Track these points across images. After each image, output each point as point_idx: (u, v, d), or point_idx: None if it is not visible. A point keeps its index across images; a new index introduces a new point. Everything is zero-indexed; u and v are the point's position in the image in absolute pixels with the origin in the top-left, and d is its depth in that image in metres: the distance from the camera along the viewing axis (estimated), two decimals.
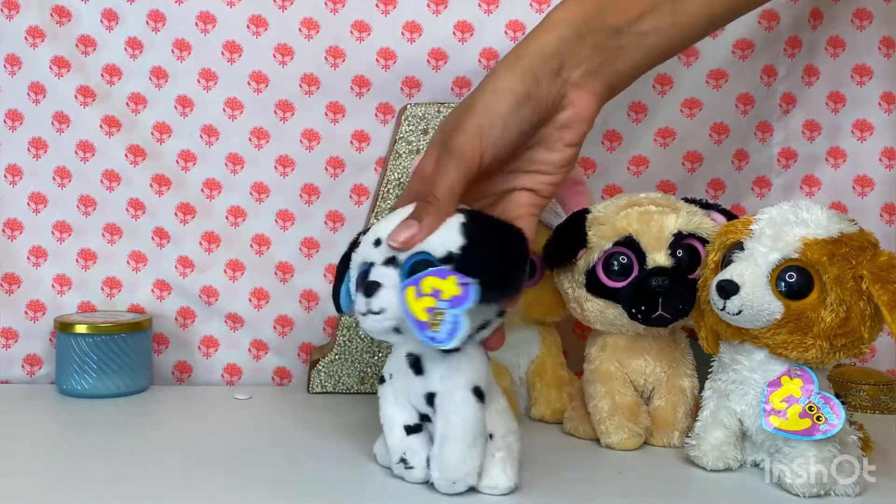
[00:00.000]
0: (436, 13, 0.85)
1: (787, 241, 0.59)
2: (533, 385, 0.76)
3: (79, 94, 0.85)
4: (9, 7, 0.84)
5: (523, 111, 0.59)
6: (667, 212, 0.68)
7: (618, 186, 0.87)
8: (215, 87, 0.86)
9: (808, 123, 0.88)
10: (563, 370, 0.77)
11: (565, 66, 0.60)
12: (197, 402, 0.82)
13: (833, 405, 0.58)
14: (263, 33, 0.85)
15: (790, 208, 0.60)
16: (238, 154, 0.86)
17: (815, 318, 0.58)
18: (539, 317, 0.76)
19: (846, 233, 0.59)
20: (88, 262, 0.87)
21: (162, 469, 0.63)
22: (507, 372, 0.75)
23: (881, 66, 0.86)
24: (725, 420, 0.63)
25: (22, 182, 0.87)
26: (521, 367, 0.76)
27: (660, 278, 0.66)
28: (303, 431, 0.72)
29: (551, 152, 0.62)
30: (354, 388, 0.83)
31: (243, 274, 0.87)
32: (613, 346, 0.70)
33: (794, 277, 0.58)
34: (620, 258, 0.68)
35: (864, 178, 0.87)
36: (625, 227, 0.68)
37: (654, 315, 0.66)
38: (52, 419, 0.78)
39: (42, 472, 0.63)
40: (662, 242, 0.67)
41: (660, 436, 0.69)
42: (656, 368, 0.70)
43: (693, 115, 0.86)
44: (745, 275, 0.59)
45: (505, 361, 0.75)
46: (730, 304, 0.59)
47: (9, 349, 0.87)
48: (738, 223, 0.62)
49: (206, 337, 0.88)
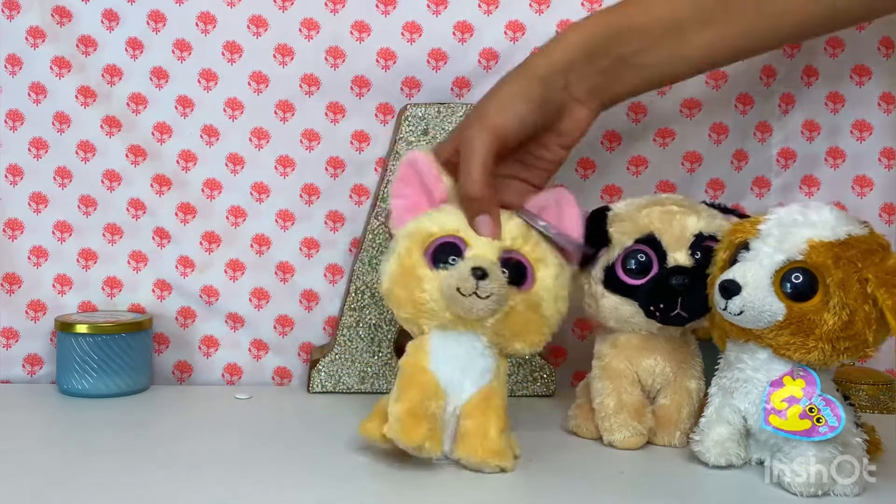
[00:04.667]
0: (436, 13, 0.85)
1: (792, 242, 0.59)
2: (468, 416, 0.63)
3: (79, 95, 0.85)
4: (9, 7, 0.84)
5: (537, 113, 0.66)
6: (689, 213, 0.68)
7: (617, 186, 0.87)
8: (215, 87, 0.86)
9: (808, 124, 0.88)
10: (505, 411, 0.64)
11: (572, 82, 0.68)
12: (197, 402, 0.82)
13: (834, 407, 0.58)
14: (263, 33, 0.85)
15: (799, 209, 0.60)
16: (238, 154, 0.87)
17: (817, 320, 0.58)
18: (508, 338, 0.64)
19: (854, 235, 0.58)
20: (89, 261, 0.87)
21: (162, 469, 0.63)
22: (444, 395, 0.63)
23: (880, 67, 0.86)
24: (729, 417, 0.63)
25: (22, 182, 0.87)
26: (461, 396, 0.63)
27: (680, 277, 0.66)
28: (303, 431, 0.72)
29: (547, 151, 0.69)
30: (354, 388, 0.83)
31: (243, 274, 0.87)
32: (625, 344, 0.70)
33: (800, 279, 0.58)
34: (639, 256, 0.68)
35: (864, 178, 0.87)
36: (647, 224, 0.68)
37: (672, 314, 0.66)
38: (52, 419, 0.78)
39: (42, 472, 0.63)
40: (684, 242, 0.67)
41: (662, 435, 0.69)
42: (665, 368, 0.70)
43: (692, 116, 0.86)
44: (747, 275, 0.59)
45: (445, 383, 0.63)
46: (731, 304, 0.60)
47: (9, 349, 0.87)
48: (747, 223, 0.62)
49: (206, 337, 0.88)
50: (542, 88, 0.66)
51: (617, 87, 0.69)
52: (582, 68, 0.67)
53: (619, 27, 0.68)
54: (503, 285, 0.62)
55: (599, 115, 0.70)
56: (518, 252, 0.64)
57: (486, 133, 0.64)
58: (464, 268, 0.62)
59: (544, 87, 0.66)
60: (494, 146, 0.64)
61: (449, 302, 0.62)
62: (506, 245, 0.64)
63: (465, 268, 0.61)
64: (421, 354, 0.64)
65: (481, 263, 0.61)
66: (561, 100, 0.67)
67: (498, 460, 0.62)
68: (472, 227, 0.64)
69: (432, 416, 0.62)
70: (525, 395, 0.83)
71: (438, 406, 0.62)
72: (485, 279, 0.61)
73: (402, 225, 0.66)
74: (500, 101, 0.66)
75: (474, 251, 0.63)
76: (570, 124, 0.69)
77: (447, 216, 0.65)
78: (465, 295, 0.61)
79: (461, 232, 0.64)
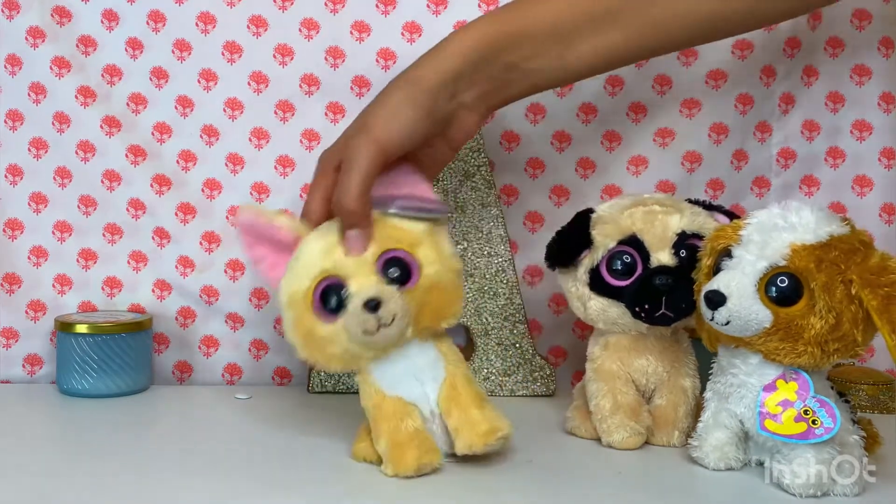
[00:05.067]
0: (436, 13, 0.85)
1: (774, 247, 0.58)
2: (449, 414, 0.63)
3: (79, 95, 0.85)
4: (9, 7, 0.84)
5: (425, 124, 0.64)
6: (671, 212, 0.68)
7: (617, 186, 0.87)
8: (215, 87, 0.86)
9: (808, 123, 0.88)
10: (475, 385, 0.65)
11: (460, 90, 0.66)
12: (197, 402, 0.82)
13: (829, 408, 0.58)
14: (263, 33, 0.85)
15: (779, 212, 0.60)
16: (238, 154, 0.87)
17: (805, 325, 0.58)
18: (432, 323, 0.64)
19: (836, 235, 0.58)
20: (89, 261, 0.87)
21: (162, 469, 0.63)
22: (414, 408, 0.63)
23: (880, 67, 0.86)
24: (726, 421, 0.63)
25: (22, 182, 0.87)
26: (430, 398, 0.64)
27: (664, 277, 0.66)
28: (303, 431, 0.72)
29: (435, 152, 0.68)
30: (354, 388, 0.83)
31: (243, 274, 0.87)
32: (616, 345, 0.70)
33: (785, 283, 0.58)
34: (624, 257, 0.68)
35: (864, 178, 0.87)
36: (629, 226, 0.68)
37: (657, 314, 0.66)
38: (52, 419, 0.78)
39: (42, 471, 0.63)
40: (666, 242, 0.67)
41: (660, 435, 0.69)
42: (658, 368, 0.70)
43: (692, 116, 0.86)
44: (731, 285, 0.59)
45: (409, 397, 0.63)
46: (718, 315, 0.59)
47: (9, 349, 0.87)
48: (729, 228, 0.62)
49: (206, 337, 0.88)
50: (430, 100, 0.64)
51: (504, 92, 0.69)
52: (469, 76, 0.66)
53: (508, 33, 0.67)
54: (399, 303, 0.60)
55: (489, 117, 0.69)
56: (393, 248, 0.63)
57: (372, 145, 0.62)
58: (356, 307, 0.60)
59: (432, 99, 0.64)
60: (379, 160, 0.62)
61: (362, 344, 0.61)
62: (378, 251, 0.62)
63: (357, 307, 0.60)
64: (372, 389, 0.64)
65: (369, 294, 0.60)
66: (449, 109, 0.66)
67: (496, 436, 0.62)
68: (342, 241, 0.62)
69: (414, 434, 0.62)
70: (525, 395, 0.83)
71: (415, 421, 0.62)
72: (379, 308, 0.60)
73: (276, 287, 0.64)
74: (387, 112, 0.64)
75: (355, 281, 0.61)
76: (458, 131, 0.68)
77: (309, 262, 0.62)
78: (373, 333, 0.60)
79: (332, 269, 0.62)
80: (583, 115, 0.86)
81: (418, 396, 0.63)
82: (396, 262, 0.62)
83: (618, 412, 0.68)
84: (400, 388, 0.63)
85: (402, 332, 0.61)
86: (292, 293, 0.63)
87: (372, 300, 0.60)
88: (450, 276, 0.64)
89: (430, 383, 0.63)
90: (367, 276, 0.61)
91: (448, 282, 0.64)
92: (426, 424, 0.63)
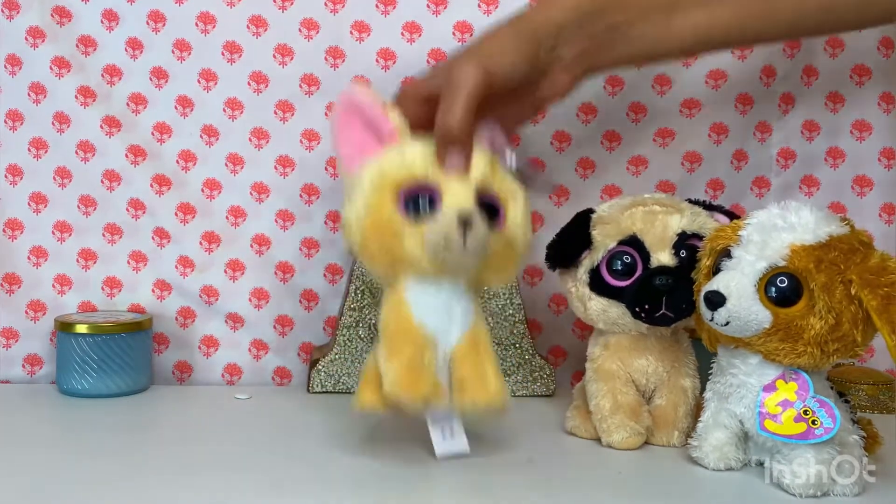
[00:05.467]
0: (436, 13, 0.85)
1: (774, 248, 0.58)
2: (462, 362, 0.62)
3: (79, 95, 0.85)
4: (9, 7, 0.84)
5: (527, 66, 0.64)
6: (671, 212, 0.68)
7: (617, 186, 0.87)
8: (215, 87, 0.86)
9: (808, 123, 0.88)
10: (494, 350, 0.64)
11: (560, 45, 0.65)
12: (197, 402, 0.82)
13: (829, 408, 0.58)
14: (263, 33, 0.85)
15: (779, 212, 0.60)
16: (238, 154, 0.87)
17: (804, 325, 0.58)
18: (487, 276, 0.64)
19: (836, 235, 0.58)
20: (89, 261, 0.87)
21: (162, 469, 0.63)
22: (436, 345, 0.61)
23: (880, 67, 0.86)
24: (726, 421, 0.63)
25: (22, 182, 0.87)
26: (451, 340, 0.62)
27: (664, 277, 0.66)
28: (303, 431, 0.72)
29: (521, 107, 0.67)
30: (354, 388, 0.83)
31: (243, 274, 0.87)
32: (616, 345, 0.70)
33: (784, 283, 0.58)
34: (624, 257, 0.68)
35: (863, 178, 0.87)
36: (629, 226, 0.68)
37: (657, 314, 0.66)
38: (52, 419, 0.78)
39: (42, 472, 0.63)
40: (666, 242, 0.67)
41: (660, 435, 0.69)
42: (658, 368, 0.70)
43: (692, 116, 0.86)
44: (731, 286, 0.59)
45: (434, 331, 0.61)
46: (717, 315, 0.59)
47: (9, 349, 0.87)
48: (728, 228, 0.62)
49: (206, 337, 0.88)
50: (534, 45, 0.64)
51: (602, 55, 0.67)
52: (573, 31, 0.65)
53: None
54: (486, 233, 0.59)
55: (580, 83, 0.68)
56: (489, 191, 0.62)
57: (480, 69, 0.61)
58: (449, 218, 0.58)
59: (537, 45, 0.64)
60: (484, 84, 0.61)
61: (433, 257, 0.59)
62: (478, 185, 0.61)
63: (451, 217, 0.58)
64: (403, 309, 0.61)
65: (465, 213, 0.58)
66: (547, 61, 0.65)
67: (501, 400, 0.61)
68: (441, 163, 0.60)
69: (429, 368, 0.60)
70: (525, 395, 0.83)
71: (431, 357, 0.60)
72: (468, 227, 0.57)
73: (354, 169, 0.62)
74: (494, 45, 0.64)
75: (452, 197, 0.60)
76: (548, 89, 0.66)
77: (412, 158, 0.61)
78: (453, 249, 0.58)
79: (430, 176, 0.60)
80: (583, 115, 0.87)
81: (442, 336, 0.61)
82: (491, 205, 0.62)
83: (618, 412, 0.68)
84: (428, 319, 0.61)
85: (473, 264, 0.60)
86: (385, 176, 0.60)
87: (467, 216, 0.58)
88: (523, 243, 0.64)
89: (457, 326, 0.62)
90: (465, 194, 0.60)
91: (520, 247, 0.64)
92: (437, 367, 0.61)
